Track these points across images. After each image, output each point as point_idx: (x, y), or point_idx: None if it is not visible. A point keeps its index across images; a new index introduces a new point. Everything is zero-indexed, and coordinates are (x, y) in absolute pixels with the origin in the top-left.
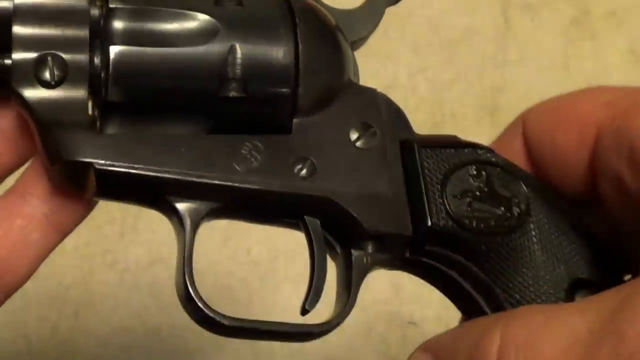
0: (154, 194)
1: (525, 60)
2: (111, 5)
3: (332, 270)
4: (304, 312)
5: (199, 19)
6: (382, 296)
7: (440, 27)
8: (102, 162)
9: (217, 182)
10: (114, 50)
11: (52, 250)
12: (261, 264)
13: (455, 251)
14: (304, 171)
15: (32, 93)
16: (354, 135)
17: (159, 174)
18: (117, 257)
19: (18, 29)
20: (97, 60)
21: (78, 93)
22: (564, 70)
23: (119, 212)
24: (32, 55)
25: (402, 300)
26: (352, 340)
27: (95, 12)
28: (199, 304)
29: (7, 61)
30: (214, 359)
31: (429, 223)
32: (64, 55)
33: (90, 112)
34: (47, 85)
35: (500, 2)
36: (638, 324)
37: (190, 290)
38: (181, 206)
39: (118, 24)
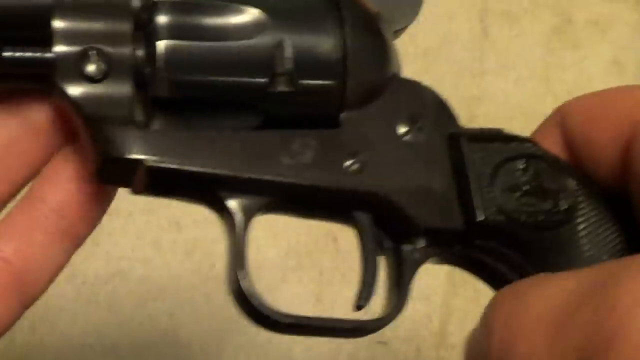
0: (204, 190)
1: (503, 70)
2: None
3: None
4: (358, 308)
5: (247, 12)
6: (350, 313)
7: (416, 35)
8: (153, 158)
9: (268, 177)
10: (161, 44)
11: (68, 261)
12: (224, 277)
13: (505, 245)
14: (354, 166)
15: (77, 88)
16: (401, 130)
17: (210, 170)
18: (75, 270)
19: (59, 22)
20: (142, 55)
21: (123, 88)
22: (544, 81)
23: None
24: (74, 48)
25: (372, 318)
26: (318, 358)
27: (137, 4)
28: (252, 301)
29: (49, 55)
30: None
31: (480, 217)
32: (107, 49)
33: (136, 107)
34: (91, 80)
35: (478, 9)
36: (618, 294)
37: (244, 288)
38: (232, 202)
39: (164, 18)
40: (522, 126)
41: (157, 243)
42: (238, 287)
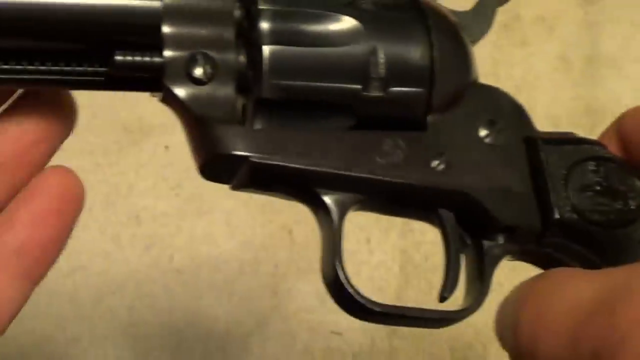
0: (301, 186)
1: None
2: (260, 7)
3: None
4: (442, 299)
5: (343, 20)
6: (305, 304)
7: None
8: (257, 155)
9: (362, 175)
10: (265, 49)
11: (27, 300)
12: (184, 271)
13: (579, 243)
14: (440, 166)
15: (185, 90)
16: (482, 132)
17: (309, 167)
18: None
19: (168, 29)
20: (246, 58)
21: (228, 90)
22: (493, 77)
23: None
24: (182, 53)
25: (327, 309)
26: (275, 349)
27: (240, 11)
28: (350, 290)
29: (158, 59)
30: None
31: (556, 216)
32: (213, 53)
33: (240, 108)
34: (198, 82)
35: None
36: (629, 298)
37: (341, 278)
38: (328, 198)
39: (267, 24)
40: None
41: (116, 237)
42: (335, 277)
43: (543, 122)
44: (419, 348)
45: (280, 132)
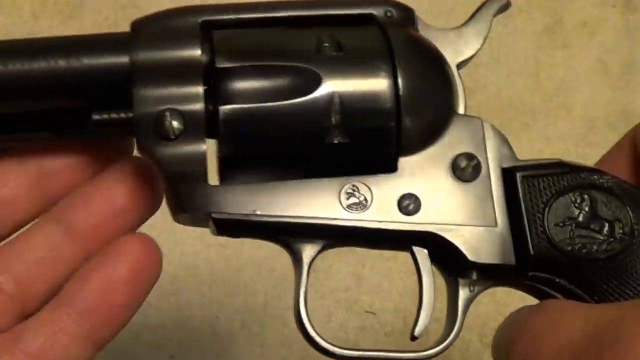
0: (270, 235)
1: (496, 65)
2: (218, 66)
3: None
4: (413, 338)
5: (301, 71)
6: (342, 284)
7: None
8: (220, 212)
9: (327, 223)
10: (221, 110)
11: None
12: (227, 245)
13: (558, 276)
14: (409, 207)
15: (154, 145)
16: (458, 167)
17: (273, 219)
18: None
19: (137, 87)
20: (211, 114)
21: (198, 144)
22: (534, 77)
23: None
24: (151, 110)
25: (362, 289)
26: None
27: (205, 61)
28: (311, 332)
29: (130, 116)
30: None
31: (531, 252)
32: (182, 108)
33: (208, 164)
34: (167, 138)
35: (473, 6)
36: (616, 346)
37: (304, 320)
38: (297, 245)
39: (224, 84)
40: (512, 117)
41: (162, 208)
42: (300, 320)
43: (580, 123)
44: None
45: (245, 186)
